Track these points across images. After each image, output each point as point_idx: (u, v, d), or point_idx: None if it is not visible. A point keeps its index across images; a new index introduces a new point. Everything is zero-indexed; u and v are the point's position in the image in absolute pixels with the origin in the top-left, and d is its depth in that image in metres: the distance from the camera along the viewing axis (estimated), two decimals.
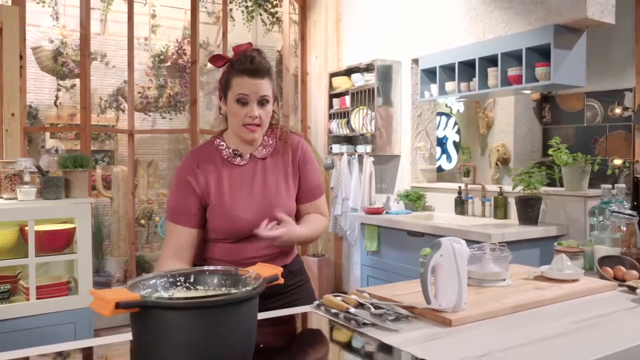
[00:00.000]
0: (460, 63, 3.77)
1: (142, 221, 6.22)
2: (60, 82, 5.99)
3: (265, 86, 1.64)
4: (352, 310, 1.43)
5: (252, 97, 1.62)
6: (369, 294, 1.59)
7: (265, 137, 1.75)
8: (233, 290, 1.09)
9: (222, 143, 1.74)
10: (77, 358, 1.20)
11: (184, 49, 6.58)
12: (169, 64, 6.59)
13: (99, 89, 6.05)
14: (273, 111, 1.74)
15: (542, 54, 3.28)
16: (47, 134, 6.11)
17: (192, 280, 1.12)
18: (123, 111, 6.44)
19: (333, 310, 1.46)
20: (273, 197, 1.69)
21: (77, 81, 5.96)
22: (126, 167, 6.20)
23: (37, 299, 2.80)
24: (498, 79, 3.49)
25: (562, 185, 3.50)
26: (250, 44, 1.69)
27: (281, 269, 1.15)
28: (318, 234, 1.77)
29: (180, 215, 1.66)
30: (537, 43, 3.26)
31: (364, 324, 1.34)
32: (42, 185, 2.84)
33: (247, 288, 1.00)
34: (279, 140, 1.76)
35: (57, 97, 6.07)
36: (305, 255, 5.30)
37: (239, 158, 1.71)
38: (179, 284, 1.11)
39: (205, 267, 1.15)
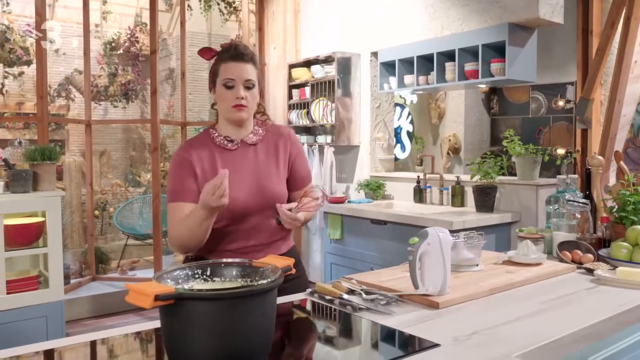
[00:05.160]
0: (418, 57, 3.92)
1: (96, 212, 6.11)
2: (8, 70, 5.78)
3: (249, 70, 1.77)
4: (345, 296, 1.54)
5: (237, 80, 1.75)
6: (356, 280, 1.70)
7: (256, 127, 1.87)
8: (249, 281, 1.17)
9: (214, 132, 1.85)
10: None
11: (137, 37, 6.47)
12: (120, 51, 6.47)
13: (48, 76, 5.87)
14: (259, 104, 1.88)
15: (497, 50, 3.47)
16: None
17: (208, 272, 1.20)
18: (73, 100, 6.28)
19: (327, 297, 1.56)
20: (264, 179, 1.80)
21: (26, 68, 5.78)
22: (78, 158, 6.07)
23: (8, 294, 2.77)
24: (455, 74, 3.66)
25: (510, 174, 3.72)
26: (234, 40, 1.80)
27: (293, 260, 1.23)
28: (311, 216, 1.89)
29: (183, 193, 1.75)
30: (493, 40, 3.44)
31: (360, 309, 1.46)
32: (10, 179, 2.79)
33: (269, 279, 1.09)
34: (267, 130, 1.88)
35: (3, 84, 5.87)
36: None
37: (231, 143, 1.82)
38: (197, 276, 1.18)
39: (221, 260, 1.23)
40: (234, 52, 1.77)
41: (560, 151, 4.93)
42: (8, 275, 2.90)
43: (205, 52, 1.84)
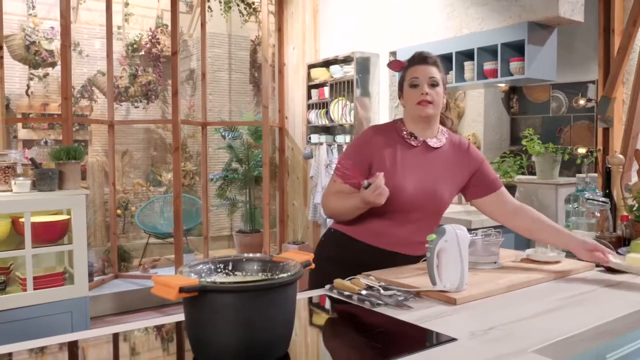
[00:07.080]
0: (437, 56, 3.91)
1: (118, 211, 6.21)
2: (33, 71, 5.90)
3: (433, 70, 1.91)
4: (364, 292, 1.57)
5: (421, 79, 1.89)
6: (374, 277, 1.72)
7: (439, 134, 1.99)
8: (270, 276, 1.20)
9: (401, 125, 1.98)
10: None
11: (158, 38, 6.55)
12: (142, 53, 6.55)
13: (71, 78, 5.98)
14: (442, 114, 1.99)
15: (516, 49, 3.46)
16: (19, 124, 6.02)
17: (230, 267, 1.23)
18: (95, 101, 6.38)
19: (346, 293, 1.59)
20: (435, 182, 1.92)
21: (50, 70, 5.90)
22: (101, 157, 6.18)
23: (34, 289, 2.85)
24: (474, 73, 3.66)
25: (530, 173, 3.71)
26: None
27: (312, 255, 1.26)
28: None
29: (345, 173, 1.90)
30: (512, 39, 3.43)
31: (378, 304, 1.48)
32: (36, 178, 2.87)
33: (289, 273, 1.12)
34: (450, 141, 2.00)
35: (28, 86, 5.99)
36: (285, 242, 5.42)
37: (414, 140, 1.95)
38: (219, 270, 1.22)
39: (243, 255, 1.26)
40: (418, 57, 1.94)
41: (581, 150, 4.88)
42: (35, 272, 2.98)
43: (395, 65, 2.03)
